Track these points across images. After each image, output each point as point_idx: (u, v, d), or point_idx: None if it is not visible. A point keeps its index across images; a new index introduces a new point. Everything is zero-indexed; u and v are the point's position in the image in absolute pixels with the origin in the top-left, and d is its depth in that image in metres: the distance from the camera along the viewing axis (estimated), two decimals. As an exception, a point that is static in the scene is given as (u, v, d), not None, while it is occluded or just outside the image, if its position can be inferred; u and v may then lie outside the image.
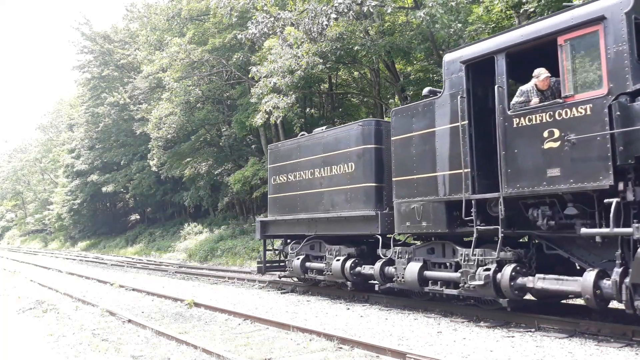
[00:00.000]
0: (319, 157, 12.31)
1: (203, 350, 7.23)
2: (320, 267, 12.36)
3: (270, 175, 14.25)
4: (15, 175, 78.36)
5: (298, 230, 13.03)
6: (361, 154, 11.16)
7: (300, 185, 12.86)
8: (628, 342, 7.10)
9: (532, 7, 13.23)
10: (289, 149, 13.57)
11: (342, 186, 11.51)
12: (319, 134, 12.59)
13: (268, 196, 14.37)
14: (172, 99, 27.82)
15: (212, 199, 35.19)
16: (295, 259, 13.05)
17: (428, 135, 9.29)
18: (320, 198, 12.16)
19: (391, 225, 10.38)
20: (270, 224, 14.21)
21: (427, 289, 9.45)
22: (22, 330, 9.75)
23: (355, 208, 11.15)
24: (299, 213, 12.85)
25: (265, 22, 16.95)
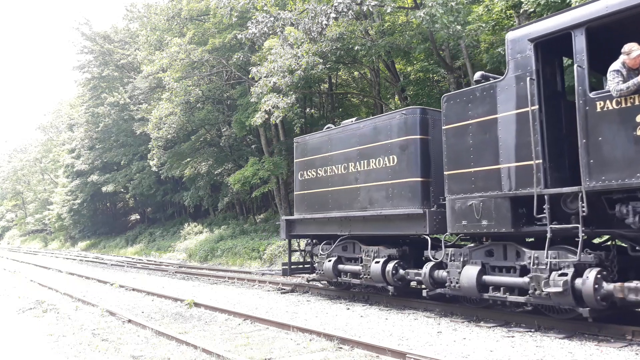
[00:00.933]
0: (354, 150, 11.31)
1: (203, 350, 7.23)
2: (355, 269, 11.34)
3: (296, 171, 13.30)
4: (15, 175, 78.36)
5: (329, 229, 12.05)
6: (405, 145, 10.13)
7: (332, 180, 11.92)
8: (628, 342, 7.10)
9: (532, 7, 13.23)
10: (319, 142, 12.54)
11: (382, 181, 10.54)
12: (354, 124, 11.58)
13: (294, 193, 13.44)
14: (172, 99, 27.81)
15: (212, 199, 35.20)
16: (327, 261, 12.05)
17: (489, 122, 8.30)
18: (355, 195, 11.19)
19: (440, 224, 9.44)
20: (297, 222, 13.22)
21: (486, 296, 8.45)
22: (22, 330, 9.75)
23: (398, 205, 10.14)
24: (330, 211, 11.87)
25: (265, 22, 16.95)
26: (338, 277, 11.86)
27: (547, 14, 13.02)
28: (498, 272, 8.46)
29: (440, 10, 13.65)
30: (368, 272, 10.85)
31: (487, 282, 8.49)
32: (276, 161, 24.88)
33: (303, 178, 12.97)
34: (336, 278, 11.90)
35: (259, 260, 22.97)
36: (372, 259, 10.84)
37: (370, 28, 18.78)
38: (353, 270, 11.45)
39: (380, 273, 10.47)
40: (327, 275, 12.15)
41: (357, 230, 11.26)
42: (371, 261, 10.80)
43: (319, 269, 12.43)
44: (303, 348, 7.47)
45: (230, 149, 31.59)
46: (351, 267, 11.56)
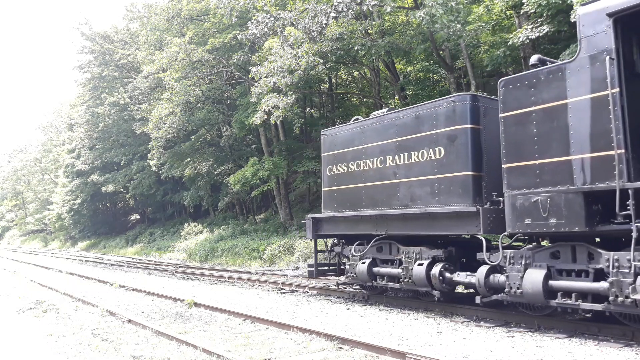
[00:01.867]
0: (392, 142, 10.38)
1: (203, 350, 7.23)
2: (394, 272, 10.39)
3: (324, 165, 12.41)
4: (15, 175, 78.40)
5: (362, 228, 11.14)
6: (454, 136, 9.19)
7: (366, 176, 11.01)
8: (628, 342, 7.10)
9: (532, 8, 13.23)
10: (351, 134, 11.61)
11: (427, 176, 9.62)
12: (392, 113, 10.65)
13: (322, 189, 12.55)
14: (172, 99, 27.82)
15: (212, 199, 35.21)
16: (360, 263, 11.08)
17: (556, 109, 7.46)
18: (394, 191, 10.26)
19: (494, 223, 8.59)
20: (325, 221, 12.31)
21: (554, 303, 7.54)
22: (22, 330, 9.74)
23: (445, 202, 9.23)
24: (363, 209, 10.97)
25: (266, 22, 16.95)
26: (373, 281, 10.87)
27: (547, 15, 13.09)
28: (566, 276, 7.61)
29: (440, 10, 13.66)
30: (409, 276, 9.91)
31: (555, 287, 7.55)
32: (276, 161, 24.88)
33: (332, 173, 12.09)
34: (371, 282, 10.88)
35: (259, 260, 22.97)
36: (413, 261, 9.92)
37: (370, 28, 18.78)
38: (391, 273, 10.49)
39: (424, 277, 9.53)
40: (360, 279, 11.13)
41: (395, 230, 10.31)
42: (412, 263, 9.88)
43: (351, 272, 11.44)
44: (303, 348, 7.46)
45: (230, 149, 31.60)
46: (389, 270, 10.56)
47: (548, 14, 13.08)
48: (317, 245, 13.04)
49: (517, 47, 14.58)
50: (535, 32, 13.18)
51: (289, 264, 20.93)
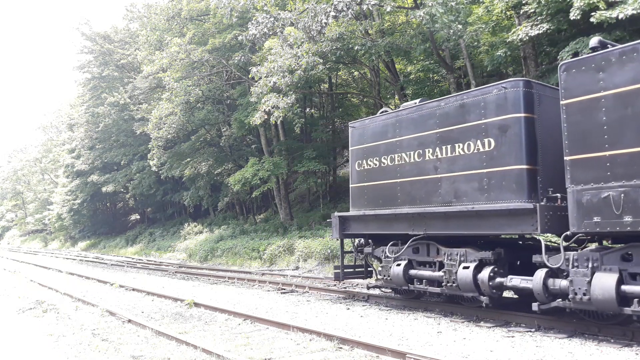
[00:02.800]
0: (432, 133, 9.58)
1: (203, 350, 7.23)
2: (434, 276, 9.58)
3: (353, 160, 11.55)
4: (15, 175, 78.43)
5: (396, 228, 10.27)
6: (505, 126, 8.40)
7: (402, 170, 10.18)
8: (628, 342, 7.11)
9: (532, 7, 13.23)
10: (383, 126, 10.77)
11: (474, 170, 8.79)
12: (433, 102, 9.81)
13: (350, 185, 11.68)
14: (172, 99, 27.82)
15: (212, 199, 35.22)
16: (394, 265, 10.26)
17: (631, 94, 6.80)
18: (434, 187, 9.48)
19: (554, 221, 7.82)
20: (353, 220, 11.48)
21: (629, 310, 6.82)
22: (22, 330, 9.74)
23: (496, 199, 8.44)
24: (398, 206, 10.12)
25: (265, 23, 16.95)
26: (409, 285, 10.08)
27: (547, 14, 13.09)
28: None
29: (440, 10, 13.66)
30: (453, 280, 9.09)
31: (629, 293, 6.84)
32: (276, 161, 24.88)
33: (362, 168, 11.22)
34: (407, 285, 10.10)
35: (259, 260, 22.97)
36: (457, 263, 9.10)
37: (370, 28, 18.78)
38: (431, 276, 9.66)
39: (470, 281, 8.72)
40: (395, 282, 10.31)
41: (435, 230, 9.46)
42: (456, 266, 9.08)
43: (384, 274, 10.59)
44: (303, 348, 7.46)
45: (230, 149, 31.60)
46: (428, 273, 9.74)
47: (548, 12, 13.08)
48: (343, 245, 12.25)
49: (517, 45, 14.58)
50: (535, 30, 13.18)
51: (289, 264, 20.93)
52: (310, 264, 19.68)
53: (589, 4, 11.44)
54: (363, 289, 13.17)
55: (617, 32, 12.20)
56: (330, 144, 28.90)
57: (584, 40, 12.28)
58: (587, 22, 12.38)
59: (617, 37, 12.21)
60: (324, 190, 28.84)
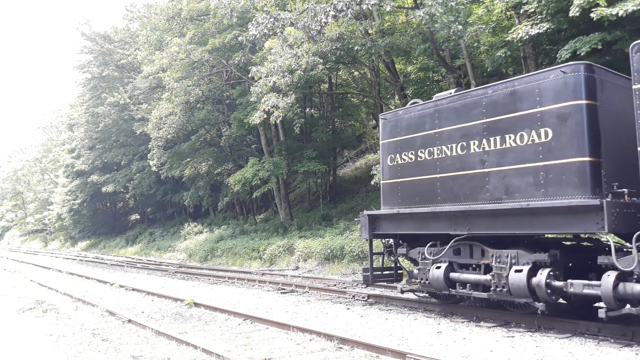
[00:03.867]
0: (478, 123, 8.82)
1: (203, 350, 7.24)
2: (480, 280, 8.78)
3: (384, 154, 10.78)
4: (15, 175, 78.45)
5: (435, 227, 9.53)
6: (565, 114, 7.66)
7: (442, 165, 9.42)
8: (628, 342, 7.11)
9: (532, 7, 13.24)
10: (419, 116, 9.99)
11: (528, 163, 8.04)
12: (479, 90, 9.04)
13: (381, 182, 10.90)
14: (172, 99, 27.83)
15: (212, 199, 35.23)
16: (434, 268, 9.47)
17: None
18: (481, 182, 8.72)
19: (621, 219, 7.19)
20: (384, 219, 10.64)
21: None
22: (22, 330, 9.74)
23: (555, 195, 7.68)
24: (439, 204, 9.40)
25: (265, 23, 16.95)
26: (450, 289, 9.28)
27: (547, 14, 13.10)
28: None
29: (440, 10, 13.65)
30: (503, 284, 8.32)
31: None
32: (276, 161, 24.89)
33: (395, 163, 10.44)
34: (448, 290, 9.29)
35: (259, 260, 22.97)
36: (508, 266, 8.33)
37: (370, 28, 18.78)
38: (477, 280, 8.87)
39: (524, 285, 7.92)
40: (434, 286, 9.52)
41: (481, 229, 8.70)
42: (507, 269, 8.31)
43: (421, 278, 9.87)
44: (303, 348, 7.46)
45: (230, 149, 31.61)
46: (474, 276, 8.93)
47: (548, 12, 13.09)
48: (372, 246, 11.28)
49: (517, 45, 14.58)
50: (535, 29, 13.19)
51: (289, 264, 20.93)
52: (310, 264, 19.69)
53: (589, 2, 11.45)
54: (363, 289, 13.17)
55: (617, 31, 12.21)
56: (330, 144, 28.92)
57: (583, 39, 12.29)
58: (587, 22, 12.39)
59: (616, 36, 12.23)
60: (324, 190, 28.86)
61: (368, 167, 26.03)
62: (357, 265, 17.28)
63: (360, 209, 23.91)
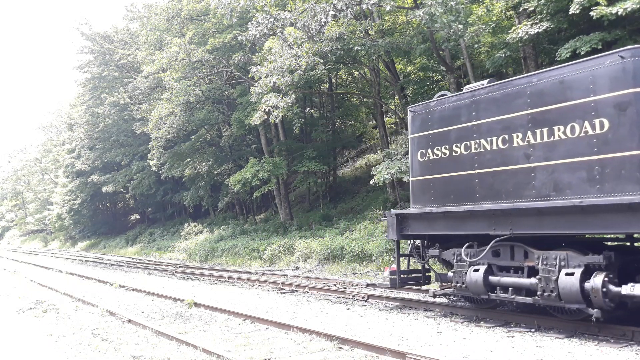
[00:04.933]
0: (522, 114, 8.21)
1: (203, 350, 7.24)
2: (524, 283, 8.13)
3: (414, 149, 10.11)
4: (15, 175, 78.46)
5: (471, 227, 8.90)
6: (624, 103, 7.05)
7: (481, 160, 8.79)
8: (628, 342, 7.11)
9: (532, 6, 13.25)
10: (454, 108, 9.36)
11: (580, 157, 7.43)
12: (522, 78, 8.41)
13: (410, 179, 10.27)
14: (172, 99, 27.82)
15: (212, 199, 35.24)
16: (472, 271, 8.82)
17: None
18: (526, 178, 8.10)
19: None
20: (413, 218, 10.01)
21: None
22: (22, 330, 9.74)
23: (611, 191, 7.12)
24: (477, 202, 8.78)
25: (265, 24, 16.95)
26: (490, 293, 8.65)
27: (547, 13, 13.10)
28: None
29: (440, 10, 13.65)
30: (551, 288, 7.67)
31: None
32: (276, 161, 24.89)
33: (426, 158, 9.81)
34: (487, 294, 8.66)
35: (259, 260, 22.97)
36: (557, 269, 7.68)
37: (370, 28, 18.78)
38: (520, 284, 8.23)
39: (577, 290, 7.31)
40: (472, 290, 8.87)
41: (526, 229, 8.06)
42: (556, 272, 7.66)
43: (457, 281, 9.22)
44: (303, 348, 7.46)
45: (230, 149, 31.61)
46: (517, 279, 8.28)
47: (548, 12, 13.10)
48: (399, 247, 10.72)
49: (517, 46, 14.58)
50: (534, 28, 13.19)
51: (289, 264, 20.93)
52: (310, 264, 19.68)
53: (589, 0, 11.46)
54: (363, 289, 13.17)
55: (617, 31, 12.21)
56: (330, 144, 28.92)
57: (583, 38, 12.29)
58: (587, 21, 12.39)
59: (616, 36, 12.23)
60: (324, 190, 28.86)
61: (368, 167, 26.01)
62: (357, 265, 17.29)
63: (361, 209, 24.07)
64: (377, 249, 16.63)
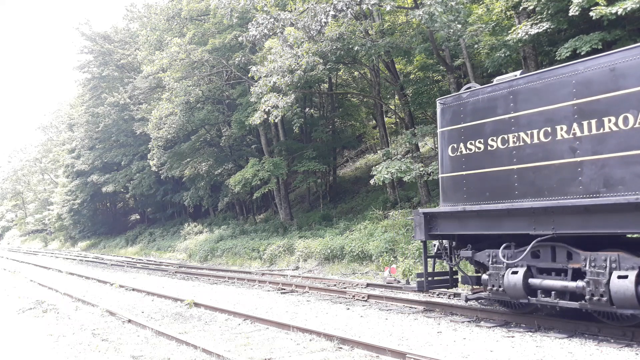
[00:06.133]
0: (566, 105, 7.66)
1: (203, 350, 7.24)
2: (570, 286, 7.51)
3: (444, 143, 9.55)
4: (15, 175, 78.47)
5: (509, 227, 8.35)
6: None
7: (520, 154, 8.25)
8: (628, 342, 7.11)
9: (532, 5, 13.24)
10: (489, 99, 8.81)
11: (634, 151, 6.95)
12: (566, 67, 7.83)
13: (440, 175, 9.72)
14: (172, 99, 27.83)
15: (212, 199, 35.24)
16: (510, 274, 8.20)
17: None
18: (571, 173, 7.54)
19: None
20: (443, 217, 9.45)
21: None
22: (22, 330, 9.74)
23: None
24: (516, 199, 8.23)
25: (265, 24, 16.95)
26: (529, 297, 8.01)
27: (547, 13, 13.11)
28: None
29: (440, 9, 13.65)
30: (601, 292, 7.12)
31: None
32: (276, 161, 24.89)
33: (458, 153, 9.26)
34: (527, 298, 8.02)
35: (259, 260, 22.97)
36: (607, 271, 7.14)
37: (370, 28, 18.78)
38: (564, 287, 7.61)
39: (632, 294, 6.76)
40: (510, 294, 8.23)
41: (571, 228, 7.49)
42: (606, 275, 7.11)
43: (493, 284, 8.57)
44: (303, 348, 7.46)
45: (230, 149, 31.61)
46: (561, 282, 7.67)
47: (548, 12, 13.10)
48: (426, 248, 10.18)
49: (517, 46, 14.58)
50: (534, 28, 13.20)
51: (289, 264, 20.93)
52: (310, 264, 19.68)
53: (588, 0, 11.46)
54: (363, 289, 13.17)
55: (617, 31, 12.21)
56: (330, 144, 28.92)
57: (583, 37, 12.29)
58: (587, 22, 12.39)
59: (616, 35, 12.23)
60: (324, 190, 28.86)
61: (368, 167, 26.01)
62: (357, 265, 17.29)
63: (360, 209, 24.08)
64: (377, 249, 16.63)
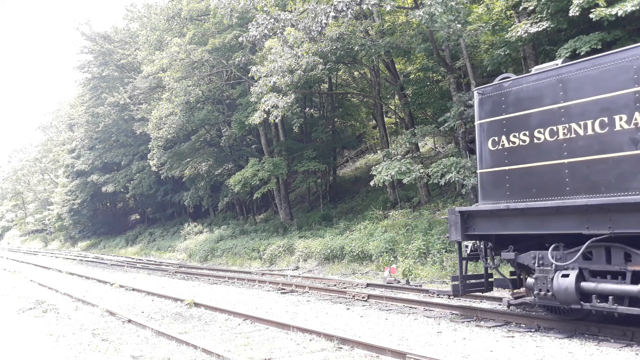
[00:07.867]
0: (626, 93, 7.03)
1: (203, 350, 7.24)
2: (630, 291, 6.88)
3: (483, 137, 8.86)
4: (15, 175, 78.45)
5: (558, 226, 7.63)
6: None
7: (571, 147, 7.57)
8: (628, 342, 7.11)
9: (532, 5, 13.24)
10: (535, 88, 8.13)
11: None
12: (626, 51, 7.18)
13: (478, 171, 9.03)
14: (172, 99, 27.83)
15: (212, 199, 35.24)
16: (560, 277, 7.51)
17: None
18: (633, 168, 6.96)
19: None
20: (482, 216, 8.71)
21: None
22: (22, 330, 9.74)
23: None
24: (567, 196, 7.56)
25: (266, 24, 16.95)
26: (582, 302, 7.32)
27: (547, 12, 13.11)
28: None
29: (440, 9, 13.65)
30: None
31: None
32: (276, 161, 24.89)
33: (499, 147, 8.57)
34: (579, 304, 7.32)
35: (259, 260, 22.97)
36: None
37: (370, 28, 18.78)
38: (623, 291, 6.97)
39: None
40: (560, 299, 7.50)
41: (631, 227, 6.83)
42: None
43: (540, 288, 7.84)
44: (303, 348, 7.47)
45: (230, 149, 31.61)
46: (619, 287, 7.03)
47: (548, 11, 13.11)
48: (461, 250, 9.44)
49: (517, 44, 14.58)
50: (534, 27, 13.20)
51: (289, 264, 20.93)
52: (310, 264, 19.68)
53: (588, 1, 11.46)
54: (363, 289, 13.16)
55: (617, 31, 12.20)
56: (330, 144, 28.92)
57: (583, 38, 12.29)
58: (587, 22, 12.39)
59: (616, 36, 12.23)
60: (324, 190, 28.85)
61: (368, 167, 26.00)
62: (357, 265, 17.29)
63: (360, 209, 24.07)
64: (377, 249, 16.63)
